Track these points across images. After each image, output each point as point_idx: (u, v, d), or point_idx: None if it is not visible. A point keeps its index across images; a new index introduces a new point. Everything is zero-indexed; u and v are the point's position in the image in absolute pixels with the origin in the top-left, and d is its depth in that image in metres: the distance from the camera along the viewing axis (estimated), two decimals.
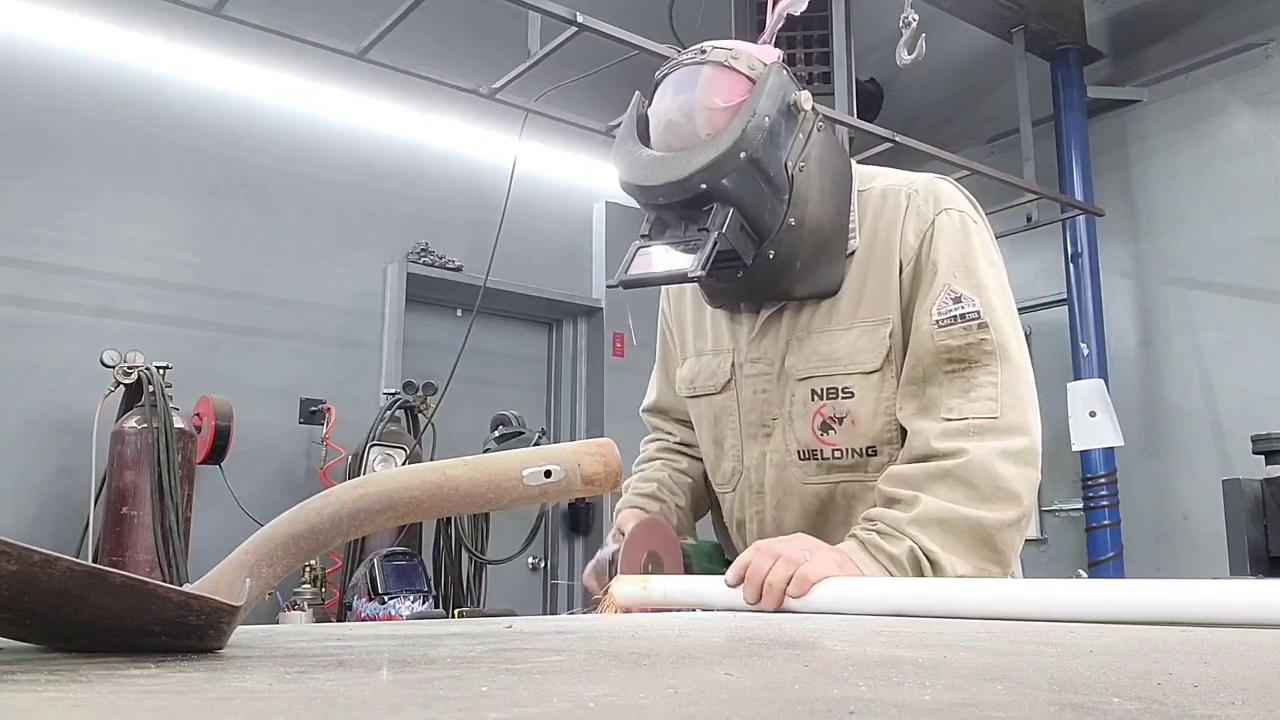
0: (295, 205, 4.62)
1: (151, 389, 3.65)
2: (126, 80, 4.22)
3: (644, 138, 1.44)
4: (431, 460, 1.57)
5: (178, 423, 3.68)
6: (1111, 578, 4.69)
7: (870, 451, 1.46)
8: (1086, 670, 0.59)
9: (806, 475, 1.51)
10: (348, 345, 4.72)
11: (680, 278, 1.34)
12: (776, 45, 3.52)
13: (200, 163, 4.38)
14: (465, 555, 4.51)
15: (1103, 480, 4.89)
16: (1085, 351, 5.03)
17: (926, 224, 1.45)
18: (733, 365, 1.58)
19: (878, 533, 1.33)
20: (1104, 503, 4.87)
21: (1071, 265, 5.17)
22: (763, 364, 1.53)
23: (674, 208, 1.37)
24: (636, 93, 1.52)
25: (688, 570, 1.55)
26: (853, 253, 1.48)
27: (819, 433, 1.48)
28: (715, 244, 1.31)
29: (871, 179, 1.55)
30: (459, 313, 5.18)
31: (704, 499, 1.75)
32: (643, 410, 1.90)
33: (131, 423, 3.64)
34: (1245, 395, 4.74)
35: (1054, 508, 5.30)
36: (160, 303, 4.22)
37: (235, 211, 4.46)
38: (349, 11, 4.04)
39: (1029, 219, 5.05)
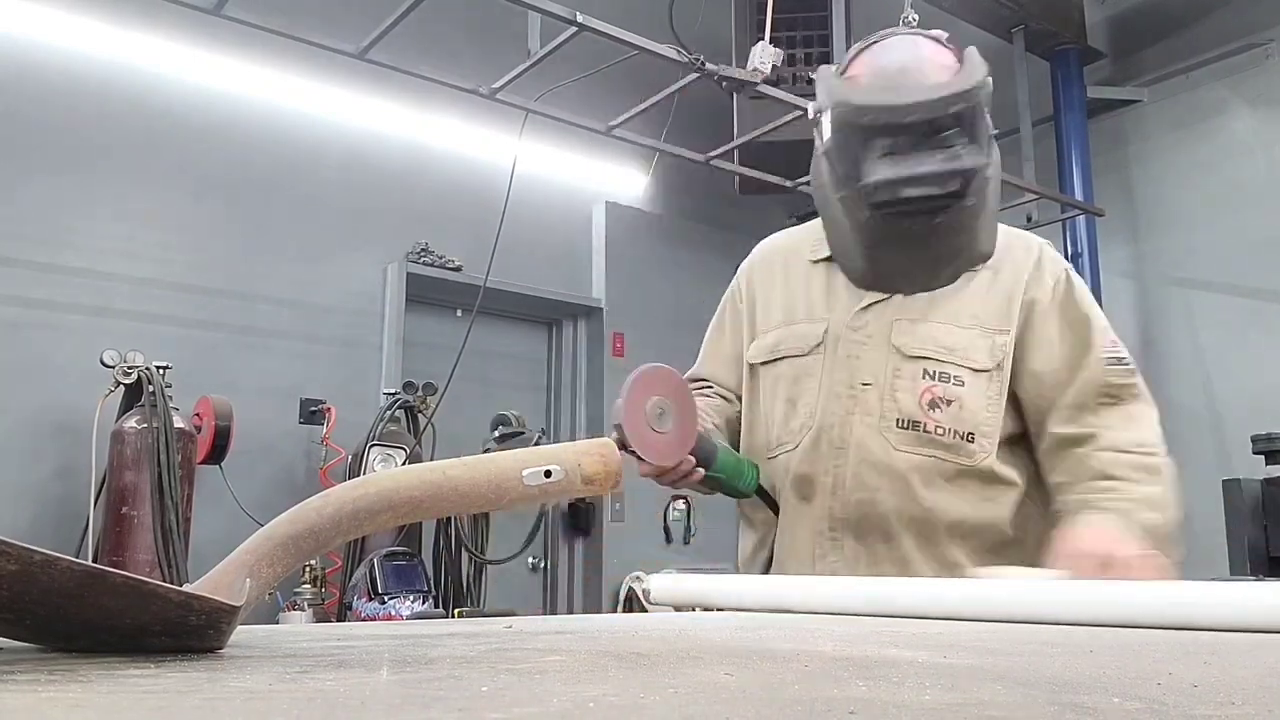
0: (295, 205, 4.63)
1: (151, 389, 3.65)
2: (126, 80, 4.22)
3: None
4: (431, 460, 1.57)
5: (178, 423, 3.68)
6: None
7: (969, 437, 1.57)
8: (1086, 670, 0.59)
9: (899, 443, 1.57)
10: (348, 345, 4.72)
11: (964, 173, 1.42)
12: (775, 45, 3.51)
13: (200, 163, 4.38)
14: (465, 555, 4.51)
15: None
16: None
17: (1060, 273, 1.65)
18: (826, 331, 1.65)
19: (1133, 504, 1.51)
20: None
21: (1071, 265, 5.17)
22: (862, 334, 1.62)
23: (920, 130, 1.43)
24: (822, 67, 1.61)
25: (705, 462, 1.49)
26: (981, 267, 1.63)
27: (926, 408, 1.57)
28: (974, 161, 1.43)
29: None
30: (459, 313, 5.19)
31: (736, 427, 1.79)
32: (687, 377, 1.88)
33: (131, 423, 3.64)
34: (1245, 395, 4.74)
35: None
36: (160, 303, 4.22)
37: (235, 211, 4.47)
38: (349, 11, 4.04)
39: (1029, 219, 5.04)
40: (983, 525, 1.57)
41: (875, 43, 1.56)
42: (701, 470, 1.50)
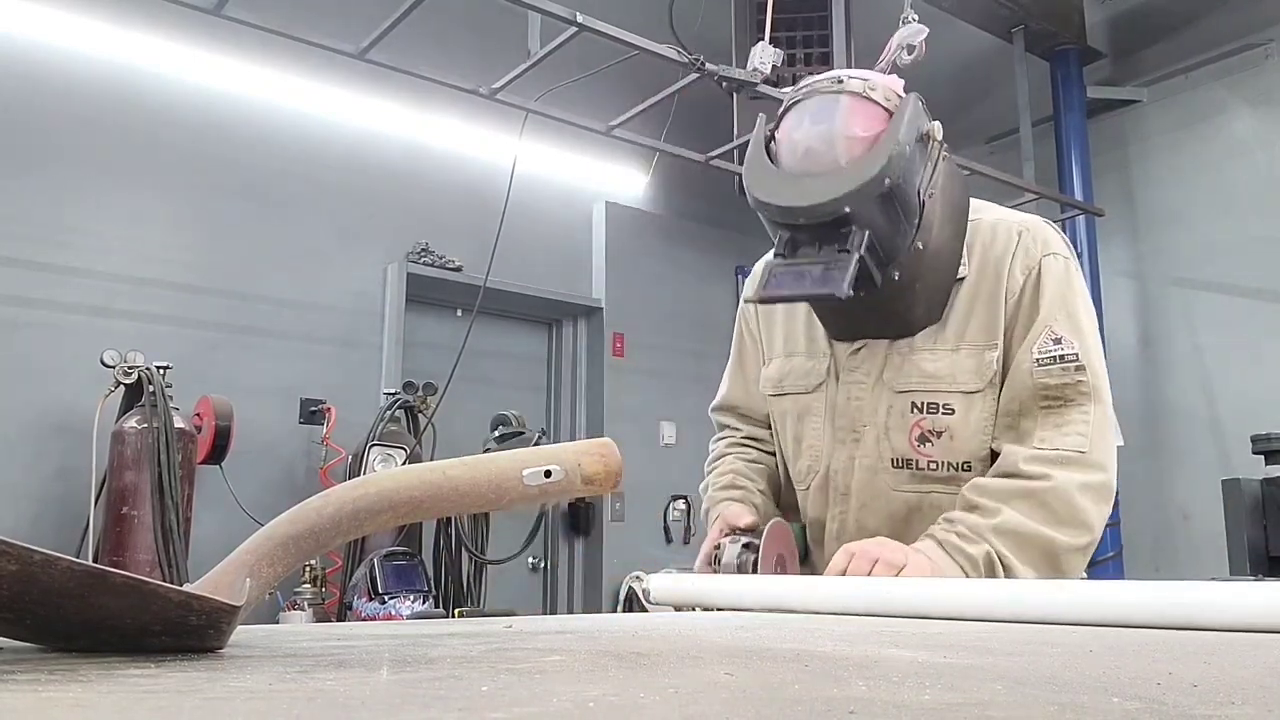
0: (295, 205, 4.63)
1: (151, 389, 3.65)
2: (126, 80, 4.22)
3: (771, 159, 1.49)
4: (431, 460, 1.57)
5: (178, 423, 3.68)
6: (1111, 578, 4.69)
7: (965, 467, 1.53)
8: (1086, 670, 0.59)
9: (898, 483, 1.56)
10: (348, 345, 4.72)
11: (828, 298, 1.38)
12: (775, 45, 3.52)
13: (200, 163, 4.38)
14: (465, 555, 4.51)
15: None
16: None
17: (1034, 263, 1.53)
18: (828, 370, 1.63)
19: (957, 534, 1.41)
20: None
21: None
22: (859, 373, 1.59)
23: (812, 229, 1.40)
24: (761, 115, 1.55)
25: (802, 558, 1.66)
26: (962, 279, 1.56)
27: (916, 444, 1.54)
28: (857, 265, 1.36)
29: (979, 211, 1.62)
30: (459, 313, 5.19)
31: (778, 485, 1.80)
32: (711, 409, 1.92)
33: (132, 423, 3.64)
34: (1245, 395, 4.74)
35: None
36: (160, 303, 4.22)
37: (235, 211, 4.47)
38: (349, 11, 4.04)
39: None
40: None
41: (800, 100, 1.47)
42: None
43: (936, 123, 1.47)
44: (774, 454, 1.78)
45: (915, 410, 1.53)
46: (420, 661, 0.62)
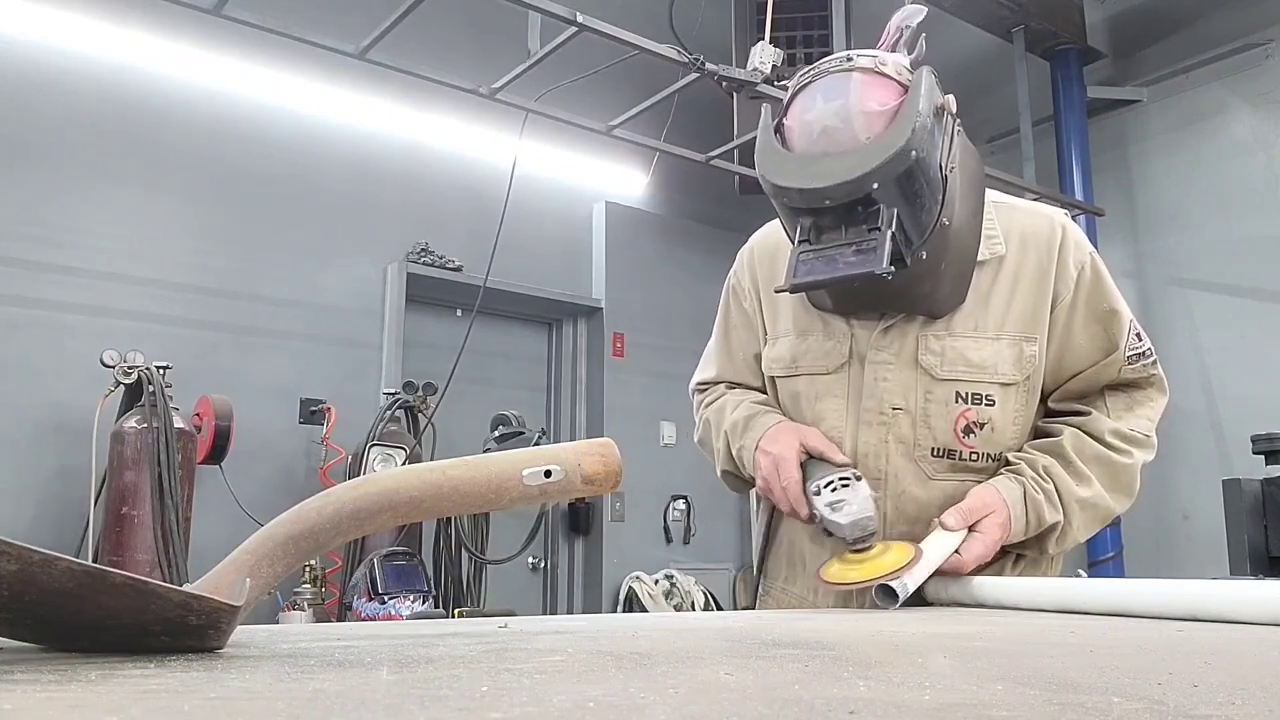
0: (295, 205, 4.63)
1: (151, 389, 3.65)
2: (126, 80, 4.22)
3: (784, 145, 1.45)
4: (431, 460, 1.56)
5: (178, 423, 3.68)
6: (1112, 577, 4.68)
7: (999, 457, 1.55)
8: (1086, 670, 0.59)
9: (935, 471, 1.54)
10: (348, 345, 4.72)
11: (869, 278, 1.33)
12: (775, 45, 3.51)
13: (200, 162, 4.38)
14: (465, 555, 4.51)
15: None
16: None
17: (1085, 259, 1.57)
18: (850, 350, 1.58)
19: (1045, 495, 1.48)
20: None
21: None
22: (887, 353, 1.55)
23: (837, 210, 1.35)
24: (765, 105, 1.52)
25: None
26: (1001, 258, 1.54)
27: (961, 435, 1.53)
28: (892, 242, 1.32)
29: (1001, 197, 1.62)
30: (459, 313, 5.19)
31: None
32: (696, 383, 1.86)
33: (131, 423, 3.64)
34: (1245, 395, 4.74)
35: None
36: (160, 303, 4.22)
37: (235, 211, 4.47)
38: (349, 11, 4.04)
39: None
40: None
41: (809, 83, 1.42)
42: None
43: (950, 96, 1.44)
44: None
45: (960, 400, 1.52)
46: (420, 661, 0.62)
